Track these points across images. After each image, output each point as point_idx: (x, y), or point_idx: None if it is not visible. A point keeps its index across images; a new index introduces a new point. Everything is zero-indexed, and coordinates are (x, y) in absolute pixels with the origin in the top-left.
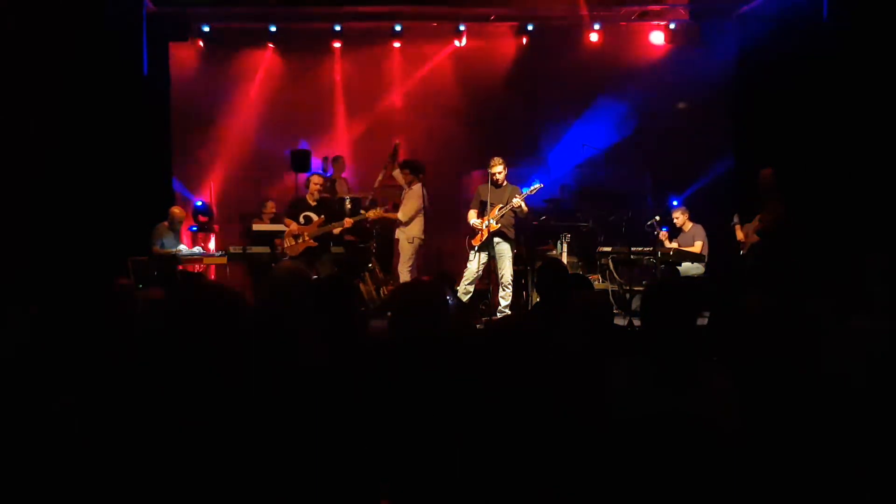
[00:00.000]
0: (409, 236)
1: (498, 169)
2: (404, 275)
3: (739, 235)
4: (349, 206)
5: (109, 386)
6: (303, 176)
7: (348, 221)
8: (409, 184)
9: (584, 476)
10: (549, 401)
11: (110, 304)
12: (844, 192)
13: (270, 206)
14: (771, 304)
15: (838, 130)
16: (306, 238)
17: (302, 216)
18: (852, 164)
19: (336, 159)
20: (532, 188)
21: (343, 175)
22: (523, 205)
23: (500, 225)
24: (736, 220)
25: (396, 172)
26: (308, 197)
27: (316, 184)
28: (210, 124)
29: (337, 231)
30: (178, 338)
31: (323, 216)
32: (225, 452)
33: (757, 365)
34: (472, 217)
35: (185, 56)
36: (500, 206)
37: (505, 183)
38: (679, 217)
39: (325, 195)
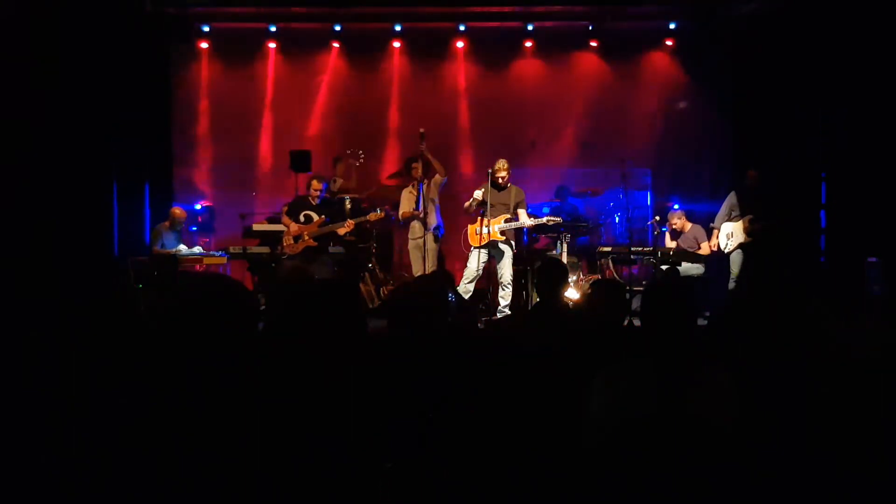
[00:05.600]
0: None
1: (502, 175)
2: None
3: (714, 240)
4: (349, 205)
5: (113, 385)
6: (303, 176)
7: (350, 224)
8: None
9: (585, 476)
10: (548, 400)
11: (113, 304)
12: (844, 194)
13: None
14: (771, 304)
15: (839, 132)
16: (306, 238)
17: (302, 215)
18: (853, 166)
19: (338, 160)
20: (546, 219)
21: (346, 178)
22: (530, 222)
23: (504, 237)
24: (719, 223)
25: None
26: (309, 198)
27: (316, 189)
28: (210, 124)
29: (341, 232)
30: (181, 332)
31: (323, 216)
32: (225, 452)
33: (757, 365)
34: (469, 204)
35: (185, 56)
36: (506, 216)
37: (508, 185)
38: (676, 222)
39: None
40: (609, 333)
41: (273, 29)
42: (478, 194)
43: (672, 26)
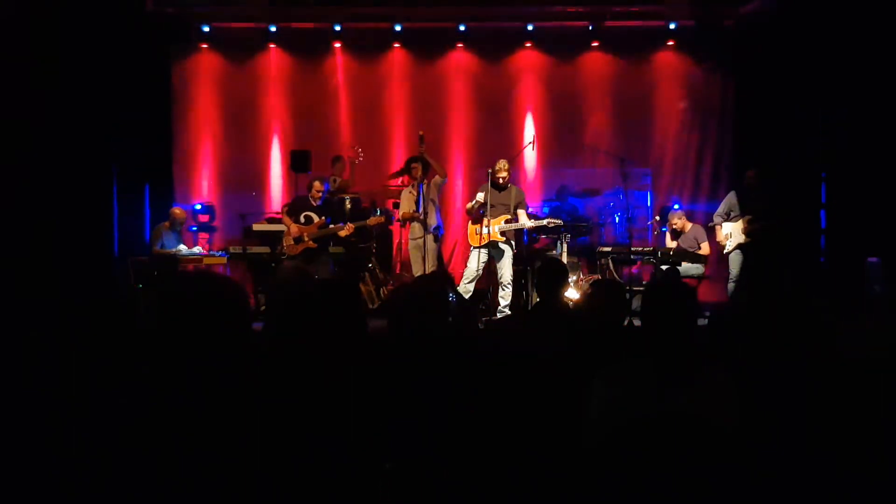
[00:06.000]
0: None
1: (503, 175)
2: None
3: (719, 236)
4: (349, 205)
5: (112, 385)
6: (303, 177)
7: (350, 227)
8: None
9: (585, 476)
10: (548, 401)
11: (112, 305)
12: (845, 194)
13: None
14: (771, 304)
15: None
16: (306, 239)
17: (302, 216)
18: (853, 166)
19: (337, 159)
20: (547, 221)
21: (345, 176)
22: (531, 224)
23: (504, 237)
24: (719, 220)
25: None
26: (310, 199)
27: (318, 190)
28: (210, 124)
29: (342, 234)
30: (176, 331)
31: (324, 217)
32: (225, 452)
33: (757, 365)
34: (470, 206)
35: (184, 56)
36: (508, 217)
37: (508, 185)
38: (677, 221)
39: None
40: (609, 333)
41: (273, 29)
42: (480, 197)
43: (672, 26)
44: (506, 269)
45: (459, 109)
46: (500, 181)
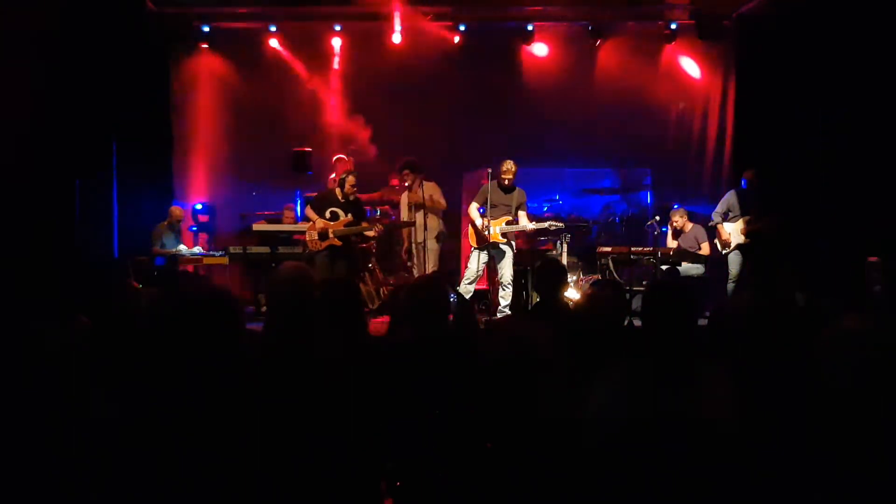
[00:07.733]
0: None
1: (509, 177)
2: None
3: (724, 235)
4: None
5: (113, 385)
6: (303, 176)
7: (380, 228)
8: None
9: (585, 476)
10: (548, 401)
11: (112, 304)
12: (845, 194)
13: (289, 216)
14: (768, 303)
15: (839, 132)
16: (331, 236)
17: (328, 211)
18: (853, 166)
19: (339, 160)
20: (549, 224)
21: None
22: (532, 226)
23: (506, 239)
24: (719, 219)
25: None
26: (338, 193)
27: (352, 185)
28: (211, 124)
29: (371, 235)
30: (177, 336)
31: (351, 215)
32: (226, 452)
33: (757, 365)
34: (474, 210)
35: (185, 56)
36: (509, 218)
37: (514, 187)
38: (678, 220)
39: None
40: (609, 333)
41: (273, 28)
42: (479, 222)
43: (673, 26)
44: (506, 270)
45: (460, 108)
46: (507, 182)
